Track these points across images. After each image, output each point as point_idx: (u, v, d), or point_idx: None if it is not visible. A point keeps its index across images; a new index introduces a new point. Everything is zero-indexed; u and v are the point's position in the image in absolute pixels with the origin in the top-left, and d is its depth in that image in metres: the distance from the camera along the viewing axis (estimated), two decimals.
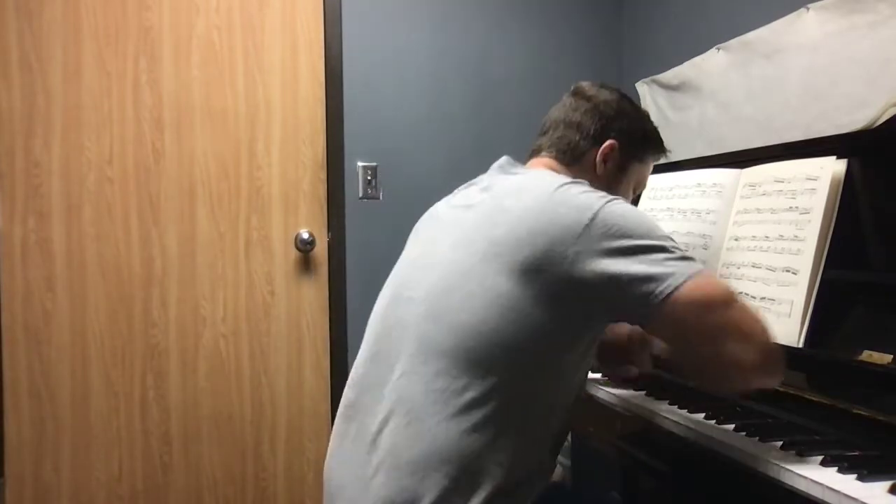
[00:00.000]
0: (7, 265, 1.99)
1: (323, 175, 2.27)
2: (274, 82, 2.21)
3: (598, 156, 1.15)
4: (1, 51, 1.97)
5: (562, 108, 1.20)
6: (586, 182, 1.03)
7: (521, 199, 0.99)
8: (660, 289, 0.89)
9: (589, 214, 0.92)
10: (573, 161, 1.16)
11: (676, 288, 0.88)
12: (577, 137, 1.16)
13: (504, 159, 1.15)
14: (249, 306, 2.20)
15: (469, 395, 0.91)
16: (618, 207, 0.95)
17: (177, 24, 2.11)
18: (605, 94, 1.19)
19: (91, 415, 2.06)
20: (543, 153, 1.18)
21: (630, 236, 0.92)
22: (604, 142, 1.15)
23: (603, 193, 0.98)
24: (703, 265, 0.95)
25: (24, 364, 2.00)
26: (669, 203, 1.55)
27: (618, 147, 1.16)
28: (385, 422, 0.95)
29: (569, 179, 1.01)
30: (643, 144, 1.21)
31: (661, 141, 1.24)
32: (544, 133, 1.20)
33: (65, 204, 2.03)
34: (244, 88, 2.18)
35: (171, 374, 2.12)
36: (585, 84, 1.22)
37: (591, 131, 1.16)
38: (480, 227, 1.00)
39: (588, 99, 1.18)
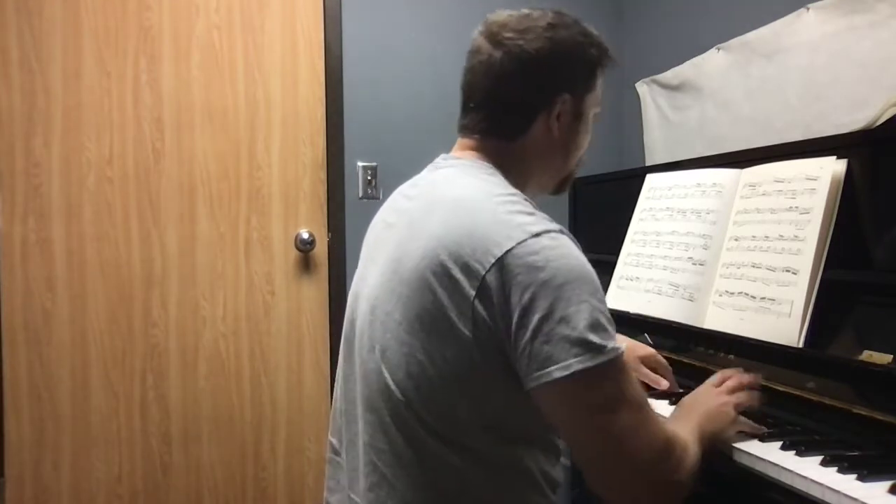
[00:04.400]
0: (7, 265, 1.99)
1: (323, 175, 2.27)
2: (274, 82, 2.21)
3: (549, 120, 0.96)
4: (1, 51, 1.97)
5: (485, 68, 0.95)
6: (519, 195, 0.90)
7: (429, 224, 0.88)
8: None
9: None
10: (514, 138, 0.97)
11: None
12: (517, 114, 0.96)
13: (439, 158, 1.03)
14: (249, 306, 2.20)
15: (428, 453, 0.86)
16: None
17: (177, 24, 2.11)
18: (532, 41, 0.93)
19: (91, 415, 2.05)
20: (475, 135, 0.99)
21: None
22: (551, 103, 0.95)
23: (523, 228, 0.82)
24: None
25: (24, 364, 2.00)
26: (669, 203, 1.54)
27: (570, 98, 0.96)
28: (368, 488, 0.92)
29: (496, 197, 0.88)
30: (593, 73, 0.99)
31: (606, 52, 1.00)
32: (471, 108, 0.99)
33: (65, 204, 2.03)
34: (244, 88, 2.18)
35: (171, 374, 2.12)
36: (500, 23, 0.95)
37: (534, 101, 0.95)
38: (393, 256, 0.92)
39: (514, 54, 0.93)
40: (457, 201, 0.89)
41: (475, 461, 0.87)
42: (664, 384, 1.26)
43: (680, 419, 0.98)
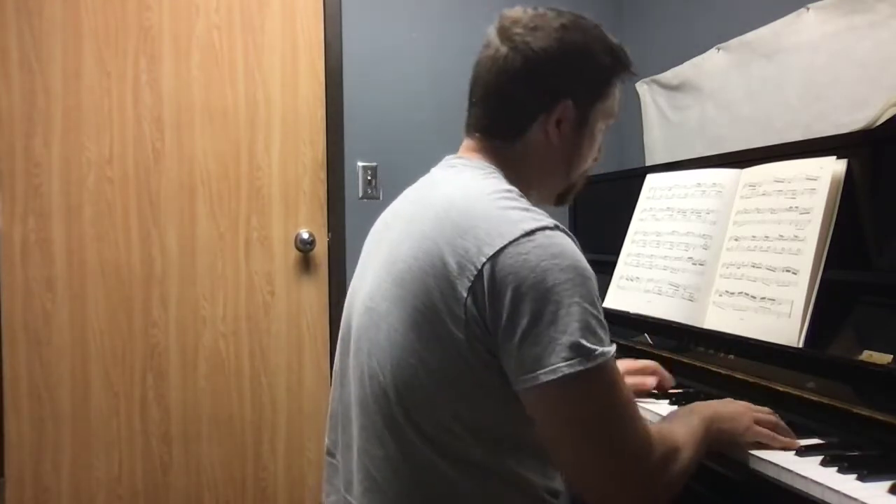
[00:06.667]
0: (7, 265, 1.99)
1: (323, 175, 2.27)
2: (274, 82, 2.21)
3: (549, 125, 0.93)
4: (1, 51, 1.97)
5: (490, 63, 0.93)
6: (515, 191, 0.88)
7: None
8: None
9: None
10: (514, 138, 0.94)
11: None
12: (515, 113, 0.93)
13: (444, 160, 1.01)
14: (249, 306, 2.20)
15: (420, 461, 0.85)
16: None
17: (177, 24, 2.11)
18: (541, 39, 0.90)
19: (91, 415, 2.05)
20: (476, 134, 0.97)
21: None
22: (553, 107, 0.92)
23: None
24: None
25: (24, 364, 2.00)
26: (669, 203, 1.54)
27: (572, 104, 0.92)
28: (361, 493, 0.91)
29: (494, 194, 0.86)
30: (604, 83, 0.95)
31: (623, 63, 0.97)
32: (474, 103, 0.98)
33: (65, 204, 2.03)
34: (244, 88, 2.18)
35: (171, 374, 2.12)
36: (513, 19, 0.93)
37: (533, 102, 0.92)
38: (387, 258, 0.91)
39: (520, 51, 0.90)
40: (450, 201, 0.87)
41: (467, 470, 0.85)
42: (650, 382, 1.22)
43: (679, 419, 0.95)
